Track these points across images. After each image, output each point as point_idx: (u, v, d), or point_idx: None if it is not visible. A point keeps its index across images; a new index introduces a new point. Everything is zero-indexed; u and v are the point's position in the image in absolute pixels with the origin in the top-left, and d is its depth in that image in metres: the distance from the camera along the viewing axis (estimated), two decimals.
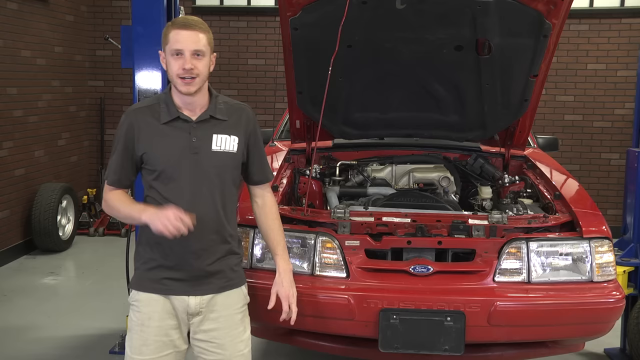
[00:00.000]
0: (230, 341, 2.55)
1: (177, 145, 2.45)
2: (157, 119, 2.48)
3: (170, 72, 2.46)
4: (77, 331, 4.57)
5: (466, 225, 3.29)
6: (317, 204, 4.00)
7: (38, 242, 6.43)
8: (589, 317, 3.17)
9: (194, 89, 2.44)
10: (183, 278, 2.48)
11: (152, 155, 2.45)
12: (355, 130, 4.14)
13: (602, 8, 7.47)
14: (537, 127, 7.25)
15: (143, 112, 2.50)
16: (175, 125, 2.48)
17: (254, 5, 7.81)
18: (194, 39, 2.42)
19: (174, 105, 2.49)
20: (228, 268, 2.57)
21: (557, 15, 3.35)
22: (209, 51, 2.48)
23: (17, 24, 6.30)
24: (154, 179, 2.47)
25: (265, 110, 7.71)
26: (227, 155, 2.51)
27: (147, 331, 2.48)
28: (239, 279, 2.64)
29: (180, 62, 2.41)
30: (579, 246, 3.23)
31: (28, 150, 6.54)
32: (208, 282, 2.51)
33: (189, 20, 2.47)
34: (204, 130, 2.49)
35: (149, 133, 2.46)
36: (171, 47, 2.42)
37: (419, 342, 3.07)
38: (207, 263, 2.50)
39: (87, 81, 7.86)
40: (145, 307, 2.49)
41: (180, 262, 2.47)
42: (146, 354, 2.48)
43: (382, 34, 3.53)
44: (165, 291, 2.49)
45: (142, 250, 2.53)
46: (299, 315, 2.75)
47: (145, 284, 2.51)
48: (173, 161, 2.45)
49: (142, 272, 2.52)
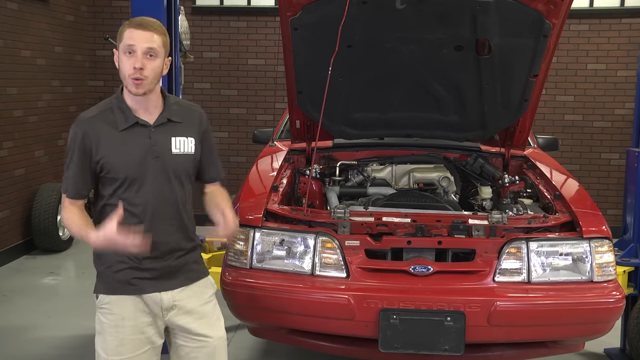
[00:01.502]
0: (211, 329, 2.58)
1: (139, 151, 2.44)
2: (114, 127, 2.44)
3: (122, 72, 2.44)
4: (77, 331, 4.56)
5: (466, 225, 3.29)
6: (317, 204, 4.00)
7: (38, 242, 6.43)
8: (589, 317, 3.18)
9: (142, 91, 2.42)
10: (152, 276, 2.49)
11: (113, 164, 2.43)
12: (355, 130, 4.14)
13: (602, 8, 7.47)
14: (537, 127, 7.25)
15: (96, 120, 2.46)
16: (134, 131, 2.45)
17: (254, 5, 7.81)
18: (148, 37, 2.40)
19: (129, 109, 2.47)
20: (192, 261, 2.60)
21: (557, 15, 3.35)
22: (164, 53, 2.46)
23: (17, 24, 6.30)
24: (117, 187, 2.45)
25: (265, 110, 7.71)
26: (186, 157, 2.53)
27: (123, 331, 2.47)
28: (204, 269, 2.68)
29: (131, 61, 2.38)
30: (579, 246, 3.24)
31: (28, 150, 6.54)
32: (176, 276, 2.53)
33: (146, 20, 2.45)
34: (162, 134, 2.48)
35: (108, 141, 2.43)
36: (125, 43, 2.40)
37: (419, 342, 3.07)
38: (173, 259, 2.52)
39: (87, 81, 7.86)
40: (117, 309, 2.48)
41: (148, 262, 2.48)
42: (124, 354, 2.48)
43: (382, 33, 3.53)
44: (136, 291, 2.49)
45: (105, 255, 2.49)
46: (299, 315, 2.75)
47: (114, 287, 2.49)
48: (136, 167, 2.43)
49: (109, 275, 2.50)
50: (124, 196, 2.44)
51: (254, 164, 4.20)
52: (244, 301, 3.21)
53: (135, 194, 2.44)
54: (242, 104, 7.81)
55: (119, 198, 2.43)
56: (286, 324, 3.27)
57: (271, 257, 3.25)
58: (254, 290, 3.09)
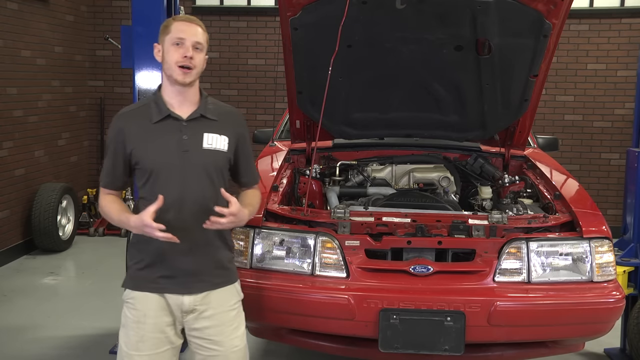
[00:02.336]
0: (225, 338, 2.57)
1: (168, 143, 2.49)
2: (149, 119, 2.52)
3: (168, 62, 2.49)
4: (77, 331, 4.56)
5: (466, 225, 3.29)
6: (317, 204, 4.00)
7: (38, 242, 6.42)
8: (589, 317, 3.18)
9: (189, 80, 2.49)
10: (176, 276, 2.50)
11: (143, 155, 2.49)
12: (355, 130, 4.14)
13: (602, 8, 7.47)
14: (537, 127, 7.25)
15: (133, 114, 2.57)
16: (166, 124, 2.51)
17: (254, 5, 7.81)
18: (196, 31, 2.52)
19: (164, 103, 2.53)
20: (220, 265, 2.59)
21: (557, 15, 3.35)
22: (205, 49, 2.57)
23: (17, 24, 6.30)
24: (146, 178, 2.51)
25: (265, 110, 7.71)
26: (217, 153, 2.55)
27: (144, 328, 2.51)
28: (232, 275, 2.65)
29: (181, 51, 2.47)
30: (579, 246, 3.24)
31: (28, 150, 6.54)
32: (201, 279, 2.53)
33: (191, 18, 2.58)
34: (194, 129, 2.53)
35: (140, 134, 2.50)
36: (173, 36, 2.49)
37: (419, 342, 3.07)
38: (199, 260, 2.52)
39: (87, 81, 7.86)
40: (140, 304, 2.52)
41: (174, 261, 2.49)
42: (143, 350, 2.51)
43: (382, 34, 3.53)
44: (160, 290, 2.51)
45: (136, 250, 2.57)
46: (299, 315, 2.75)
47: (140, 283, 2.53)
48: (164, 160, 2.48)
49: (136, 272, 2.55)
50: (154, 188, 2.47)
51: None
52: (244, 301, 3.21)
53: (163, 186, 2.47)
54: (242, 104, 7.80)
55: (150, 190, 2.48)
56: (286, 324, 3.26)
57: (271, 257, 3.25)
58: (254, 291, 3.09)
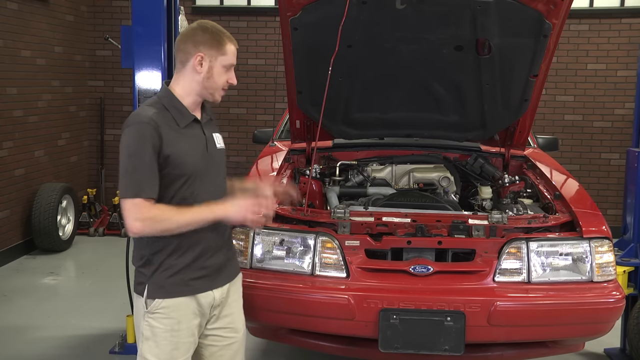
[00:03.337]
0: (240, 324, 2.69)
1: (198, 146, 2.53)
2: (175, 124, 2.47)
3: (216, 82, 2.51)
4: (77, 331, 4.57)
5: (466, 225, 3.29)
6: (317, 204, 3.99)
7: (38, 242, 6.43)
8: (589, 317, 3.17)
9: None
10: (208, 274, 2.53)
11: (181, 160, 2.43)
12: (355, 130, 4.15)
13: (602, 8, 7.47)
14: (537, 127, 7.25)
15: (159, 119, 2.43)
16: (192, 127, 2.54)
17: (254, 5, 7.81)
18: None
19: (184, 107, 2.52)
20: (235, 255, 2.73)
21: (557, 15, 3.35)
22: None
23: (17, 24, 6.30)
24: (183, 181, 2.45)
25: (265, 110, 7.71)
26: (224, 151, 2.69)
27: (178, 335, 2.48)
28: (239, 263, 2.81)
29: (230, 76, 2.54)
30: (579, 246, 3.23)
31: (28, 150, 6.54)
32: (225, 271, 2.61)
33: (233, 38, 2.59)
34: (209, 130, 2.61)
35: (174, 138, 2.44)
36: (229, 59, 2.52)
37: (419, 342, 3.07)
38: (226, 254, 2.62)
39: (87, 81, 7.86)
40: (173, 312, 2.47)
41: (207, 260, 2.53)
42: (178, 358, 2.49)
43: (382, 34, 3.53)
44: (193, 291, 2.50)
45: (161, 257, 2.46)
46: (299, 315, 2.75)
47: (170, 290, 2.47)
48: (198, 162, 2.50)
49: (165, 280, 2.47)
50: (192, 190, 2.47)
51: (254, 164, 4.20)
52: (244, 301, 3.21)
53: (199, 187, 2.49)
54: (242, 104, 7.81)
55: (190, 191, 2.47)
56: (286, 324, 3.27)
57: (271, 257, 3.25)
58: (254, 290, 3.09)
